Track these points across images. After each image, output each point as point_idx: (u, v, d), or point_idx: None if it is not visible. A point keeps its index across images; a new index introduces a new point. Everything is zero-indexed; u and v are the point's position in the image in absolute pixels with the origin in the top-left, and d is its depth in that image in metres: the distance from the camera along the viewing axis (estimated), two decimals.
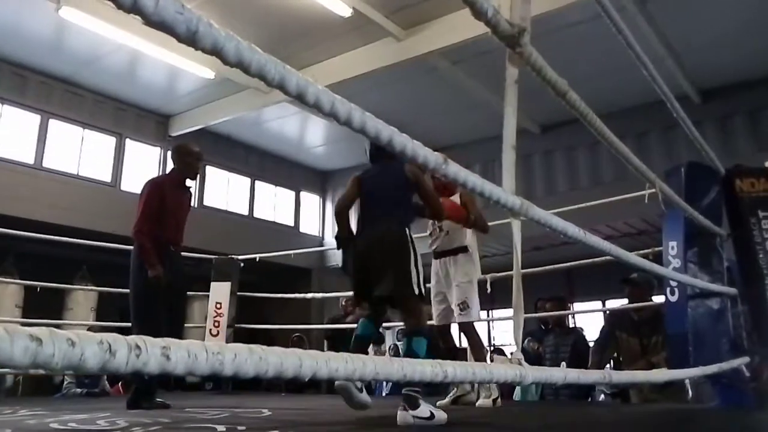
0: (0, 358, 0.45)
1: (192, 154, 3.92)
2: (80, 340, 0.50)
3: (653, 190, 2.70)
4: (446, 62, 7.47)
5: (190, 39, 0.61)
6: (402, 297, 2.77)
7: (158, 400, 3.57)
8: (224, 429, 2.20)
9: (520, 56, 1.28)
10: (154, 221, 3.66)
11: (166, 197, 3.73)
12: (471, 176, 1.05)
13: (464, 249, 3.82)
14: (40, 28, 7.04)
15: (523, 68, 1.33)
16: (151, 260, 3.57)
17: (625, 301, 4.72)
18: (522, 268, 1.29)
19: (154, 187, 3.77)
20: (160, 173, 3.62)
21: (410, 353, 2.64)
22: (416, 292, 2.73)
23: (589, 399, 5.05)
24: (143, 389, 3.50)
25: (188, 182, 3.96)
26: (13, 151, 7.76)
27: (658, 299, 4.59)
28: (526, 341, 5.68)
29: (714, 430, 2.30)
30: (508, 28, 1.32)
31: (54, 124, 8.24)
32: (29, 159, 7.90)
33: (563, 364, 4.68)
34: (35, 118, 8.07)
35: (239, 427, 2.28)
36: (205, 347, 0.60)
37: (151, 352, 0.54)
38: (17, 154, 7.79)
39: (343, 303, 6.49)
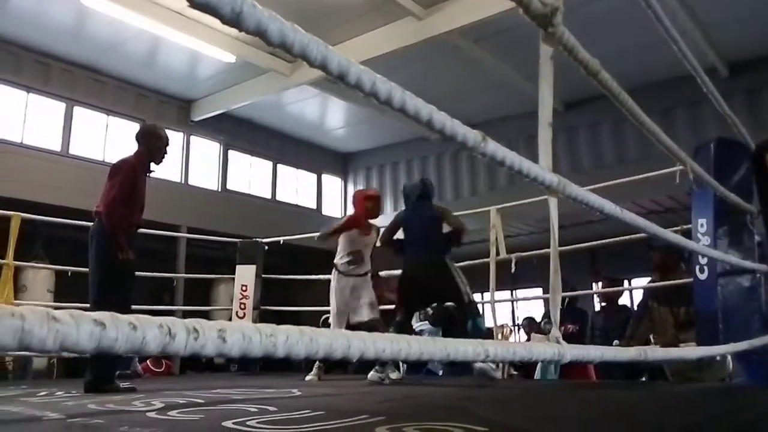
0: (67, 343, 0.46)
1: (160, 138, 3.86)
2: (141, 324, 0.51)
3: (682, 168, 2.65)
4: (467, 41, 7.37)
5: (234, 20, 0.61)
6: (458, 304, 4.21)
7: (124, 384, 3.54)
8: (256, 410, 2.24)
9: (552, 36, 1.25)
10: (125, 203, 3.60)
11: (137, 179, 3.69)
12: (509, 154, 1.04)
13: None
14: (62, 16, 7.09)
15: (556, 48, 1.30)
16: (123, 244, 3.51)
17: (648, 279, 4.68)
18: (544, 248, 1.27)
19: (131, 168, 3.68)
20: (130, 155, 3.78)
21: (476, 329, 4.26)
22: (465, 300, 4.16)
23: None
24: (103, 373, 3.40)
25: (152, 167, 3.87)
26: (40, 138, 7.88)
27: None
28: (542, 323, 5.67)
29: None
30: (540, 7, 1.29)
31: (78, 111, 8.34)
32: (56, 146, 8.02)
33: (615, 342, 4.65)
34: (60, 106, 8.17)
35: (270, 408, 2.32)
36: (259, 329, 0.60)
37: (209, 335, 0.55)
38: (44, 142, 7.92)
39: None
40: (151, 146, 3.80)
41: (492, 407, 2.29)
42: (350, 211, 4.68)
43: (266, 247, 6.46)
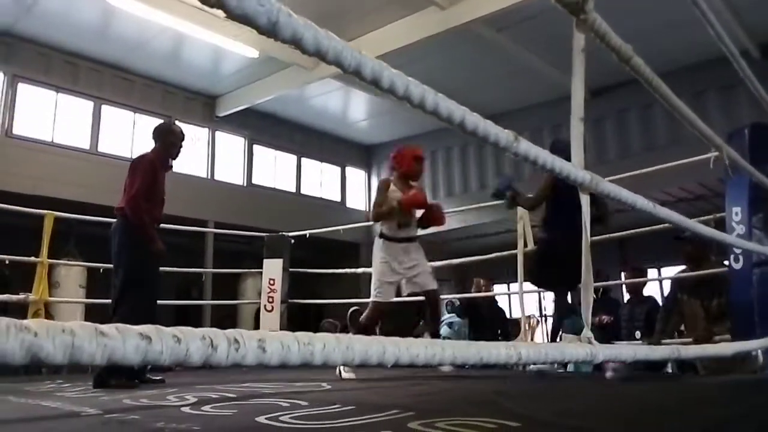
0: (114, 357, 0.47)
1: (174, 134, 3.89)
2: (185, 337, 0.51)
3: (717, 154, 2.59)
4: (491, 30, 7.29)
5: (270, 30, 0.61)
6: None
7: (156, 377, 3.65)
8: (288, 405, 2.26)
9: (585, 23, 1.23)
10: (147, 198, 3.63)
11: (157, 174, 3.72)
12: (542, 153, 1.03)
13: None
14: (89, 16, 7.21)
15: (588, 35, 1.28)
16: (153, 235, 3.58)
17: (680, 268, 4.58)
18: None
19: (150, 164, 3.71)
20: (147, 151, 3.85)
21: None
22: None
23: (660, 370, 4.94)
24: (111, 367, 3.16)
25: (170, 162, 3.91)
26: (70, 137, 8.04)
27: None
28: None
29: None
30: None
31: (106, 110, 8.48)
32: (85, 144, 8.17)
33: (638, 333, 4.59)
34: (88, 105, 8.32)
35: (302, 403, 2.34)
36: (297, 338, 0.61)
37: (249, 346, 0.56)
38: (74, 140, 8.07)
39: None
40: (167, 142, 3.84)
41: (523, 402, 2.28)
42: (384, 174, 4.45)
43: (292, 241, 6.51)
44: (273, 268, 6.34)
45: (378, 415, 1.85)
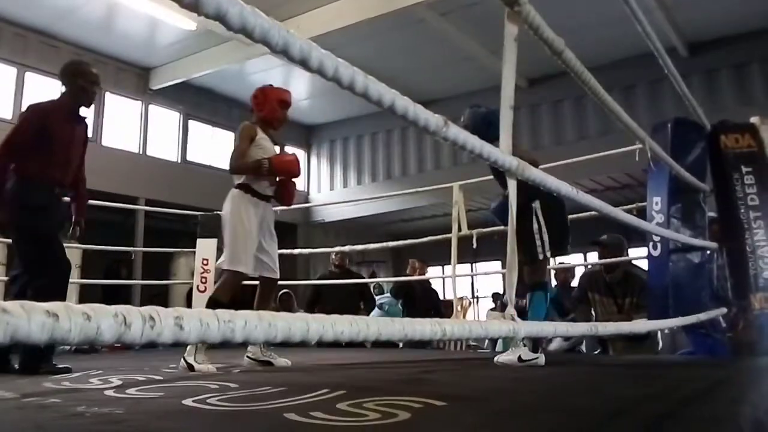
0: (18, 336, 0.45)
1: (85, 75, 3.20)
2: (96, 314, 0.50)
3: (641, 146, 2.72)
4: (434, 13, 7.32)
5: (192, 4, 0.59)
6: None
7: (58, 365, 2.96)
8: (217, 386, 2.24)
9: (518, 15, 1.26)
10: (22, 153, 3.00)
11: (53, 127, 3.06)
12: (470, 138, 1.05)
13: None
14: None
15: (521, 27, 1.31)
16: None
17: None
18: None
19: (34, 113, 3.10)
20: (50, 99, 3.24)
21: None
22: None
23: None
24: (38, 352, 2.85)
25: (83, 111, 3.26)
26: None
27: (629, 253, 4.70)
28: (504, 296, 5.78)
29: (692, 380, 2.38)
30: None
31: (31, 77, 8.01)
32: (7, 114, 7.71)
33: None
34: (11, 71, 7.84)
35: (231, 384, 2.32)
36: (217, 315, 0.60)
37: (165, 323, 0.55)
38: None
39: (335, 258, 6.46)
40: (77, 86, 3.17)
41: (451, 381, 2.35)
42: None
43: None
44: (207, 248, 6.21)
45: (307, 396, 1.86)
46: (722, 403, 1.63)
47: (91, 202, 3.99)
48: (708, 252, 3.57)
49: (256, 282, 3.44)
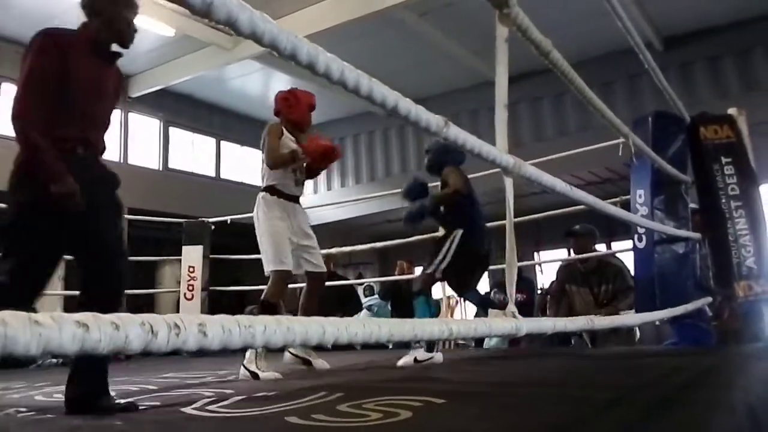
0: (50, 347, 0.46)
1: (117, 1, 2.23)
2: (123, 323, 0.50)
3: (624, 141, 2.76)
4: (413, 14, 7.36)
5: (204, 10, 0.60)
6: None
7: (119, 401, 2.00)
8: (213, 394, 2.23)
9: (507, 17, 1.28)
10: (46, 104, 2.01)
11: (72, 67, 2.08)
12: (470, 138, 1.06)
13: None
14: None
15: (510, 28, 1.33)
16: (53, 166, 1.94)
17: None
18: (496, 221, 1.32)
19: (47, 44, 2.09)
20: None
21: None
22: None
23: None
24: (97, 379, 1.99)
25: (114, 48, 2.26)
26: None
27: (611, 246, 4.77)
28: (492, 292, 5.84)
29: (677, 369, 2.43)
30: None
31: (6, 87, 7.89)
32: None
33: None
34: None
35: (227, 391, 2.31)
36: (238, 321, 0.61)
37: (190, 330, 0.55)
38: None
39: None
40: (106, 15, 2.21)
41: (447, 379, 2.36)
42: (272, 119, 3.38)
43: (213, 227, 6.34)
44: (193, 256, 6.17)
45: (306, 399, 1.86)
46: (714, 389, 1.67)
47: None
48: (691, 242, 3.63)
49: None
